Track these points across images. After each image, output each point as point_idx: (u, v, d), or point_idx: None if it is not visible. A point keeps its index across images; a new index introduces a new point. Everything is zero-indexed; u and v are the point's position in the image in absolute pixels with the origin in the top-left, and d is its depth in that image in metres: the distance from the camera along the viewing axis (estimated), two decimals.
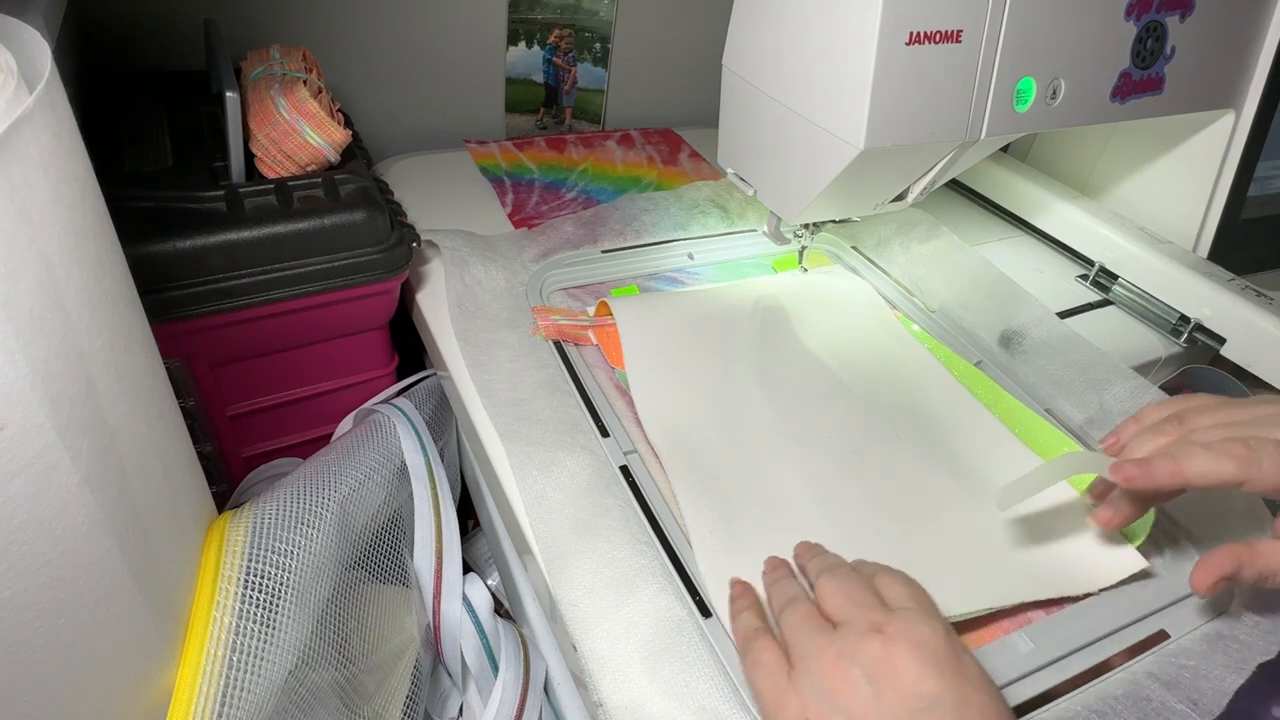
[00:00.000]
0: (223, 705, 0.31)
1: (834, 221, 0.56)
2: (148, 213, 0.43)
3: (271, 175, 0.48)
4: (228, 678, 0.31)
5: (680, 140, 0.80)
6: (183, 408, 0.36)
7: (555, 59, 0.79)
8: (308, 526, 0.38)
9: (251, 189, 0.46)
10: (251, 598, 0.34)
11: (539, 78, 0.80)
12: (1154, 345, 0.57)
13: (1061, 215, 0.65)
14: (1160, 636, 0.37)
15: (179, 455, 0.33)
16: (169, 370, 0.34)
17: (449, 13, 0.72)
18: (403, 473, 0.47)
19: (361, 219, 0.47)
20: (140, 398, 0.29)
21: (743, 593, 0.35)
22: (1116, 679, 0.35)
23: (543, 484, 0.40)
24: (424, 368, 0.56)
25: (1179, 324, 0.56)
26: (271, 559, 0.35)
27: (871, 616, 0.29)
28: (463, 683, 0.47)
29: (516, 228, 0.61)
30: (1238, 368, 0.54)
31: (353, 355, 0.54)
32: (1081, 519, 0.41)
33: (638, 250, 0.60)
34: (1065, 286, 0.62)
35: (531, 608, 0.48)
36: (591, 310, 0.53)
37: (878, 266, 0.62)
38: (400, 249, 0.50)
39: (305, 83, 0.50)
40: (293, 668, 0.34)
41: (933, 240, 0.61)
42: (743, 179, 0.53)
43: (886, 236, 0.63)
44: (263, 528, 0.37)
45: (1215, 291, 0.54)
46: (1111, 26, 0.48)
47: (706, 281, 0.59)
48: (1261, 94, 0.56)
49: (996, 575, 0.38)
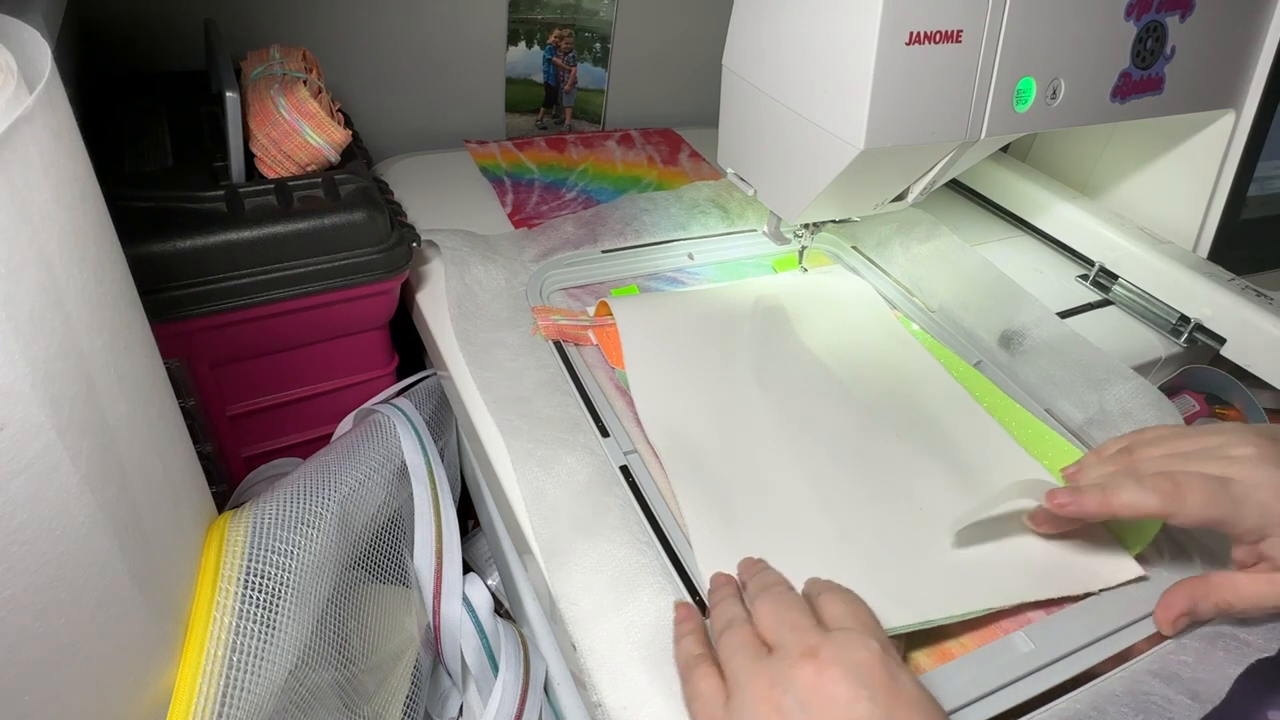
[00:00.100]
0: (223, 705, 0.31)
1: (834, 221, 0.56)
2: (148, 213, 0.43)
3: (271, 175, 0.48)
4: (228, 678, 0.31)
5: (680, 140, 0.80)
6: (183, 408, 0.36)
7: (555, 59, 0.79)
8: (308, 526, 0.38)
9: (251, 189, 0.46)
10: (251, 598, 0.34)
11: (539, 78, 0.80)
12: (1154, 345, 0.57)
13: (1061, 215, 0.65)
14: (1160, 637, 0.37)
15: (179, 455, 0.33)
16: (169, 370, 0.34)
17: (449, 13, 0.72)
18: (403, 473, 0.47)
19: (361, 219, 0.47)
20: (140, 398, 0.29)
21: (720, 584, 0.35)
22: (1116, 678, 0.35)
23: (543, 481, 0.40)
24: (424, 368, 0.56)
25: (1179, 324, 0.56)
26: (271, 559, 0.35)
27: (805, 640, 0.29)
28: (463, 683, 0.47)
29: (516, 228, 0.61)
30: (1238, 368, 0.54)
31: (353, 355, 0.54)
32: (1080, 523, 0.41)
33: (638, 250, 0.60)
34: (1065, 286, 0.62)
35: (531, 608, 0.48)
36: (591, 310, 0.53)
37: (878, 266, 0.62)
38: (400, 249, 0.50)
39: (305, 83, 0.50)
40: (293, 668, 0.34)
41: (933, 240, 0.61)
42: (743, 179, 0.53)
43: (886, 236, 0.63)
44: (263, 528, 0.37)
45: (1215, 291, 0.54)
46: (1111, 26, 0.48)
47: (706, 281, 0.59)
48: (1261, 94, 0.56)
49: (996, 576, 0.38)
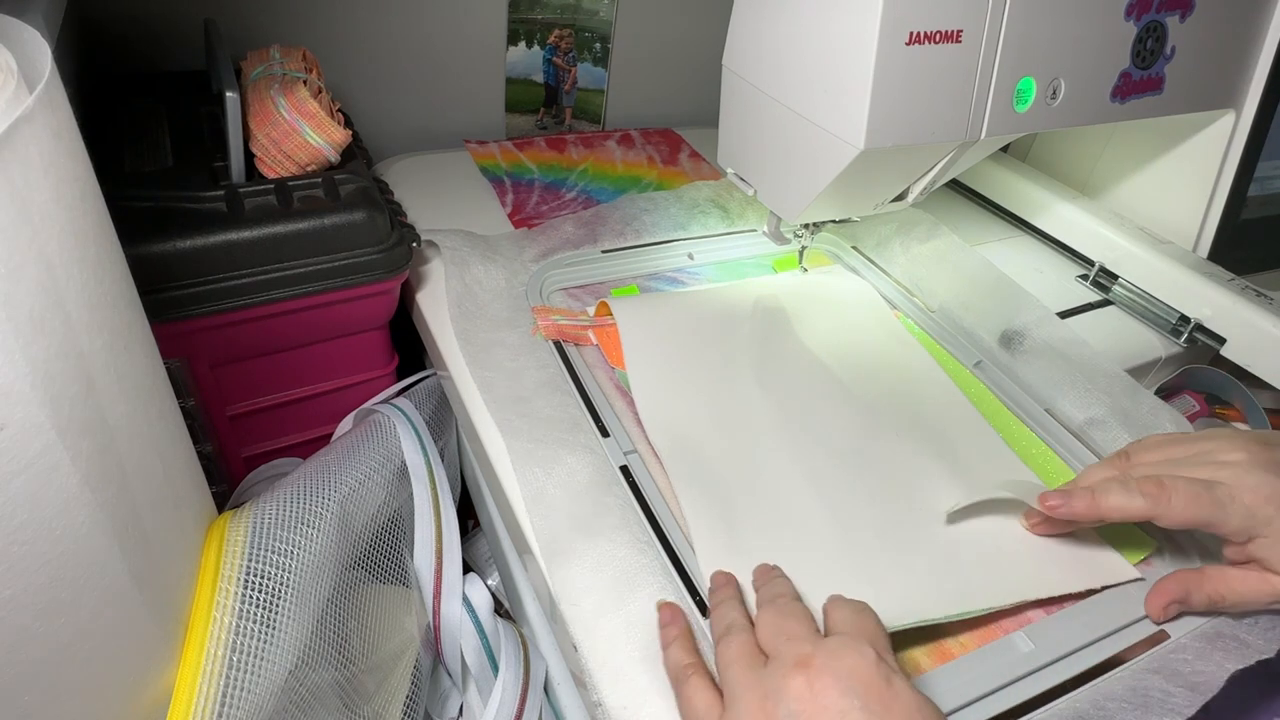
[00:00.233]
0: (223, 705, 0.31)
1: (834, 222, 0.56)
2: (148, 213, 0.43)
3: (271, 175, 0.48)
4: (228, 678, 0.31)
5: (680, 140, 0.80)
6: (183, 408, 0.36)
7: (555, 59, 0.79)
8: (308, 526, 0.38)
9: (251, 189, 0.46)
10: (251, 598, 0.34)
11: (539, 78, 0.80)
12: (1154, 345, 0.57)
13: (1061, 215, 0.65)
14: (1160, 636, 0.37)
15: (179, 455, 0.33)
16: (169, 370, 0.34)
17: (449, 13, 0.72)
18: (403, 473, 0.47)
19: (361, 219, 0.47)
20: (140, 398, 0.29)
21: (720, 585, 0.35)
22: (1116, 677, 0.35)
23: (543, 480, 0.40)
24: (424, 368, 0.56)
25: (1179, 324, 0.56)
26: (271, 559, 0.35)
27: (799, 649, 0.28)
28: (463, 683, 0.47)
29: (516, 228, 0.61)
30: (1238, 368, 0.54)
31: (353, 355, 0.54)
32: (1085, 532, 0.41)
33: (638, 250, 0.60)
34: (1065, 286, 0.62)
35: (531, 608, 0.48)
36: (591, 310, 0.53)
37: (878, 266, 0.62)
38: (400, 249, 0.50)
39: (305, 83, 0.50)
40: (293, 668, 0.34)
41: (933, 240, 0.61)
42: (743, 179, 0.53)
43: (886, 236, 0.63)
44: (263, 528, 0.37)
45: (1215, 291, 0.54)
46: (1111, 26, 0.48)
47: (707, 281, 0.59)
48: (1261, 94, 0.56)
49: (995, 576, 0.38)
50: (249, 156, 0.48)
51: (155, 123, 0.53)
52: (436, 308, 0.52)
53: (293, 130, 0.47)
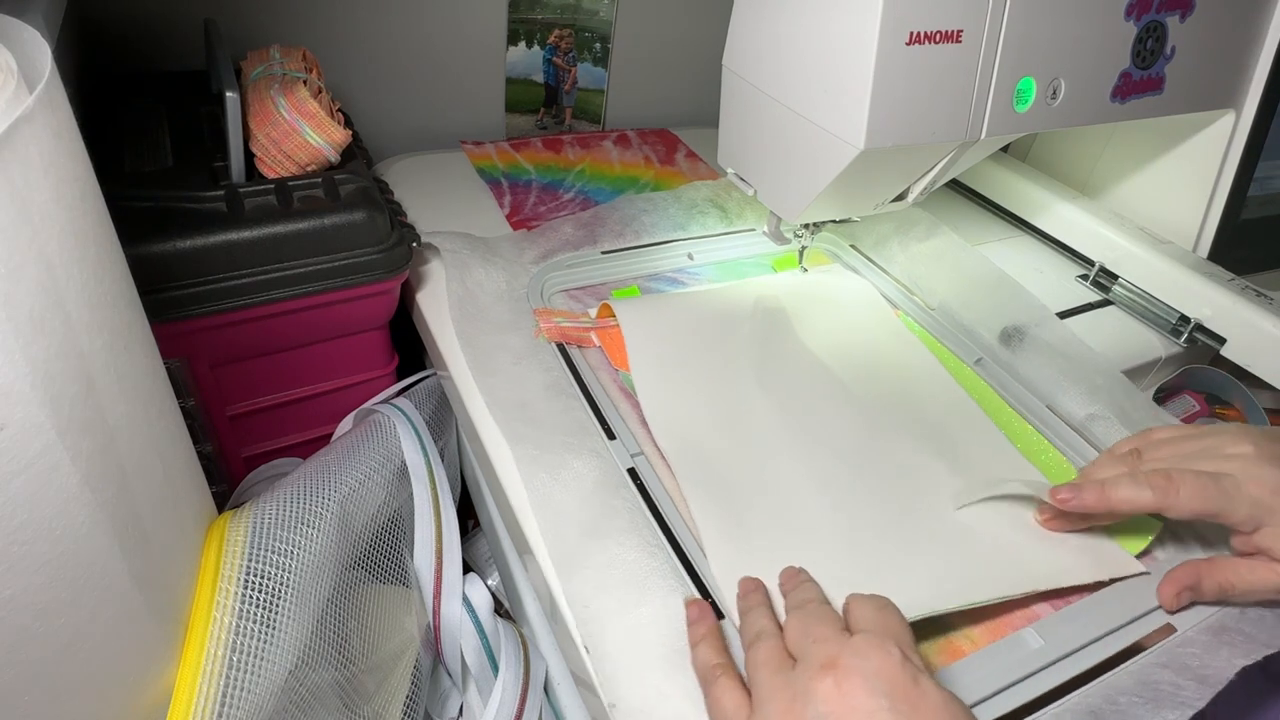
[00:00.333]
0: (223, 705, 0.31)
1: (834, 222, 0.56)
2: (148, 213, 0.43)
3: (271, 175, 0.48)
4: (228, 678, 0.31)
5: (677, 140, 0.80)
6: (183, 408, 0.36)
7: (555, 59, 0.79)
8: (308, 526, 0.38)
9: (251, 189, 0.46)
10: (251, 598, 0.34)
11: (539, 78, 0.80)
12: (1154, 345, 0.57)
13: (1061, 215, 0.65)
14: (1167, 630, 0.37)
15: (179, 455, 0.33)
16: (169, 370, 0.34)
17: (449, 13, 0.72)
18: (403, 473, 0.47)
19: (361, 219, 0.47)
20: (140, 398, 0.29)
21: (749, 590, 0.35)
22: (1125, 671, 0.35)
23: (550, 486, 0.40)
24: (424, 368, 0.56)
25: (1179, 324, 0.56)
26: (271, 559, 0.35)
27: (826, 651, 0.29)
28: (463, 683, 0.47)
29: (515, 229, 0.61)
30: (1238, 368, 0.54)
31: (353, 355, 0.54)
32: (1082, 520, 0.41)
33: (637, 251, 0.60)
34: (1065, 286, 0.62)
35: (531, 608, 0.48)
36: (593, 312, 0.53)
37: (877, 265, 0.62)
38: (400, 249, 0.50)
39: (305, 83, 0.50)
40: (293, 668, 0.34)
41: (932, 239, 0.61)
42: (743, 179, 0.53)
43: (885, 235, 0.63)
44: (263, 528, 0.37)
45: (1215, 291, 0.54)
46: (1111, 26, 0.48)
47: (707, 282, 0.59)
48: (1261, 94, 0.56)
49: (1003, 567, 0.38)
50: (249, 156, 0.48)
51: (155, 123, 0.53)
52: (436, 308, 0.52)
53: (293, 130, 0.47)
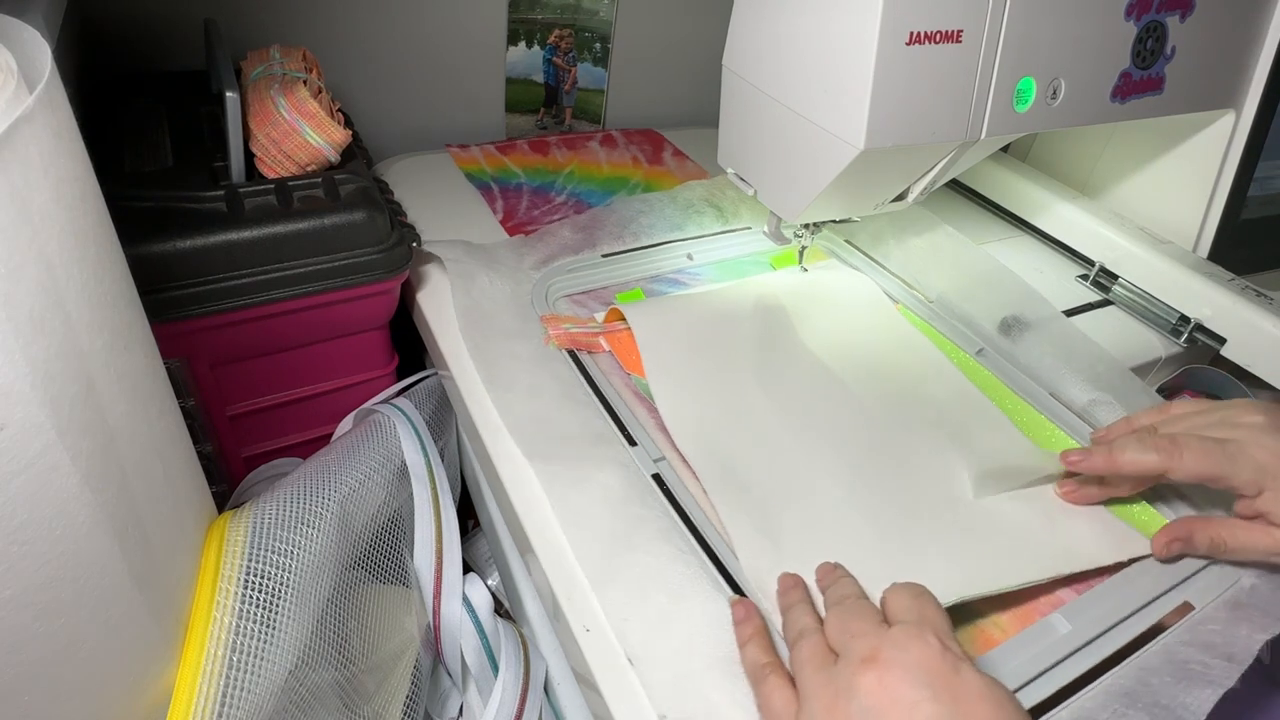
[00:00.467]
0: (223, 705, 0.31)
1: (834, 222, 0.56)
2: (148, 213, 0.43)
3: (271, 175, 0.48)
4: (228, 678, 0.31)
5: (663, 140, 0.80)
6: (183, 408, 0.36)
7: (555, 59, 0.79)
8: (308, 526, 0.38)
9: (251, 189, 0.46)
10: (251, 598, 0.34)
11: (539, 78, 0.80)
12: (1154, 345, 0.57)
13: (1061, 215, 0.65)
14: (1185, 608, 0.38)
15: (179, 455, 0.33)
16: (169, 370, 0.34)
17: (449, 13, 0.72)
18: (403, 473, 0.47)
19: (361, 219, 0.47)
20: (140, 398, 0.29)
21: (788, 588, 0.35)
22: (1152, 651, 0.36)
23: (577, 501, 0.39)
24: (424, 368, 0.56)
25: (1179, 324, 0.56)
26: (271, 559, 0.35)
27: (866, 645, 0.29)
28: (463, 683, 0.47)
29: (511, 234, 0.61)
30: (1238, 368, 0.54)
31: (353, 355, 0.54)
32: (1100, 512, 0.43)
33: (637, 253, 0.60)
34: (1065, 286, 0.62)
35: (532, 608, 0.48)
36: (600, 316, 0.53)
37: (874, 260, 0.63)
38: (400, 249, 0.50)
39: (305, 83, 0.50)
40: (293, 668, 0.34)
41: (927, 233, 0.62)
42: (742, 179, 0.53)
43: (881, 230, 0.63)
44: (263, 528, 0.37)
45: (1215, 291, 0.54)
46: (1111, 26, 0.48)
47: (708, 282, 0.59)
48: (1261, 94, 0.56)
49: (1027, 552, 0.39)
50: (249, 156, 0.48)
51: (155, 123, 0.53)
52: (437, 308, 0.52)
53: (293, 130, 0.47)
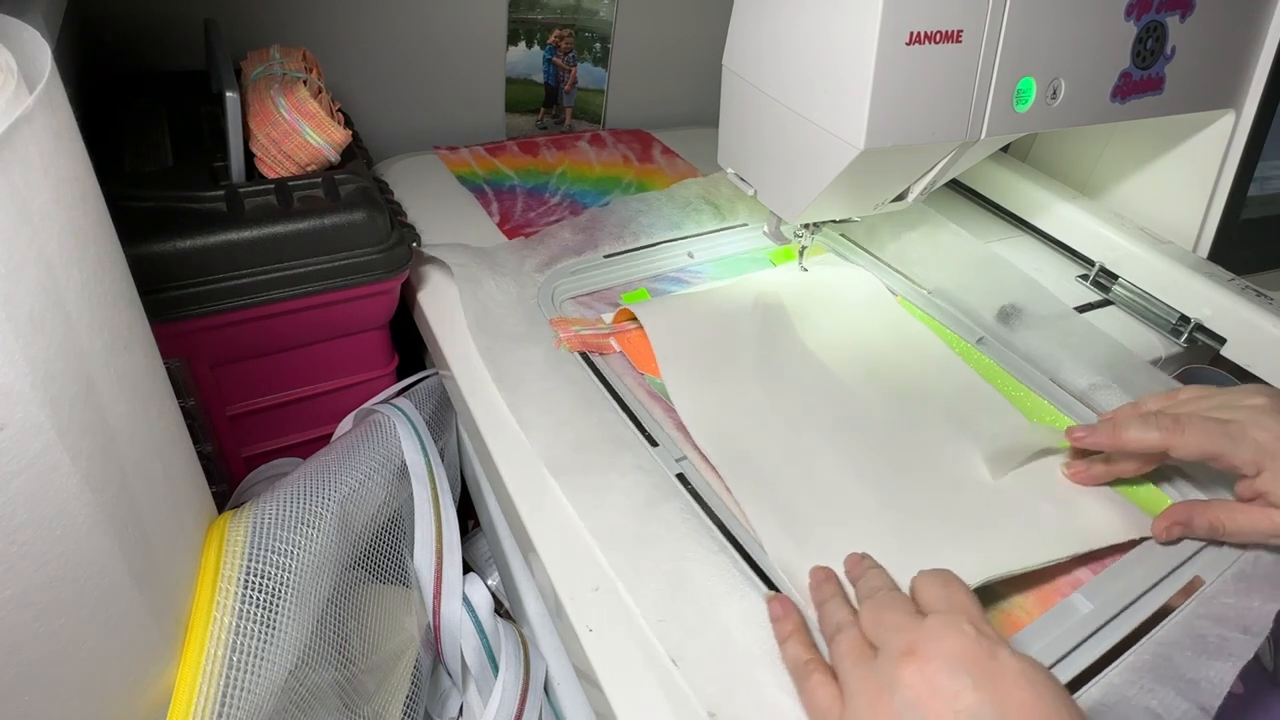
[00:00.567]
0: (223, 705, 0.31)
1: (834, 222, 0.56)
2: (148, 213, 0.43)
3: (271, 175, 0.48)
4: (228, 678, 0.31)
5: (651, 138, 0.80)
6: (183, 408, 0.36)
7: (555, 59, 0.79)
8: (308, 526, 0.38)
9: (251, 189, 0.46)
10: (251, 598, 0.34)
11: (539, 78, 0.80)
12: (1154, 345, 0.57)
13: (1061, 215, 0.65)
14: (1196, 583, 0.39)
15: (179, 455, 0.33)
16: (169, 370, 0.34)
17: (449, 13, 0.72)
18: (403, 473, 0.47)
19: (361, 219, 0.47)
20: (140, 398, 0.29)
21: (820, 582, 0.35)
22: (1170, 626, 0.36)
23: (604, 505, 0.39)
24: (424, 367, 0.56)
25: (1179, 324, 0.56)
26: (271, 559, 0.35)
27: (904, 638, 0.29)
28: (463, 683, 0.47)
29: (509, 237, 0.60)
30: (1238, 368, 0.54)
31: (353, 355, 0.54)
32: (1108, 493, 0.44)
33: (638, 253, 0.60)
34: (1065, 286, 0.62)
35: (532, 608, 0.48)
36: (608, 318, 0.53)
37: (871, 254, 0.63)
38: (400, 249, 0.50)
39: (305, 83, 0.50)
40: (293, 668, 0.34)
41: (922, 225, 0.62)
42: (743, 179, 0.53)
43: (875, 223, 0.63)
44: (263, 528, 0.37)
45: (1215, 291, 0.54)
46: (1111, 26, 0.48)
47: (710, 279, 0.59)
48: (1261, 94, 0.56)
49: (1046, 533, 0.40)
50: (249, 156, 0.48)
51: (155, 123, 0.53)
52: (438, 307, 0.52)
53: (293, 130, 0.47)
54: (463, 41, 0.74)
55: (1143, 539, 0.41)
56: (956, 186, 0.75)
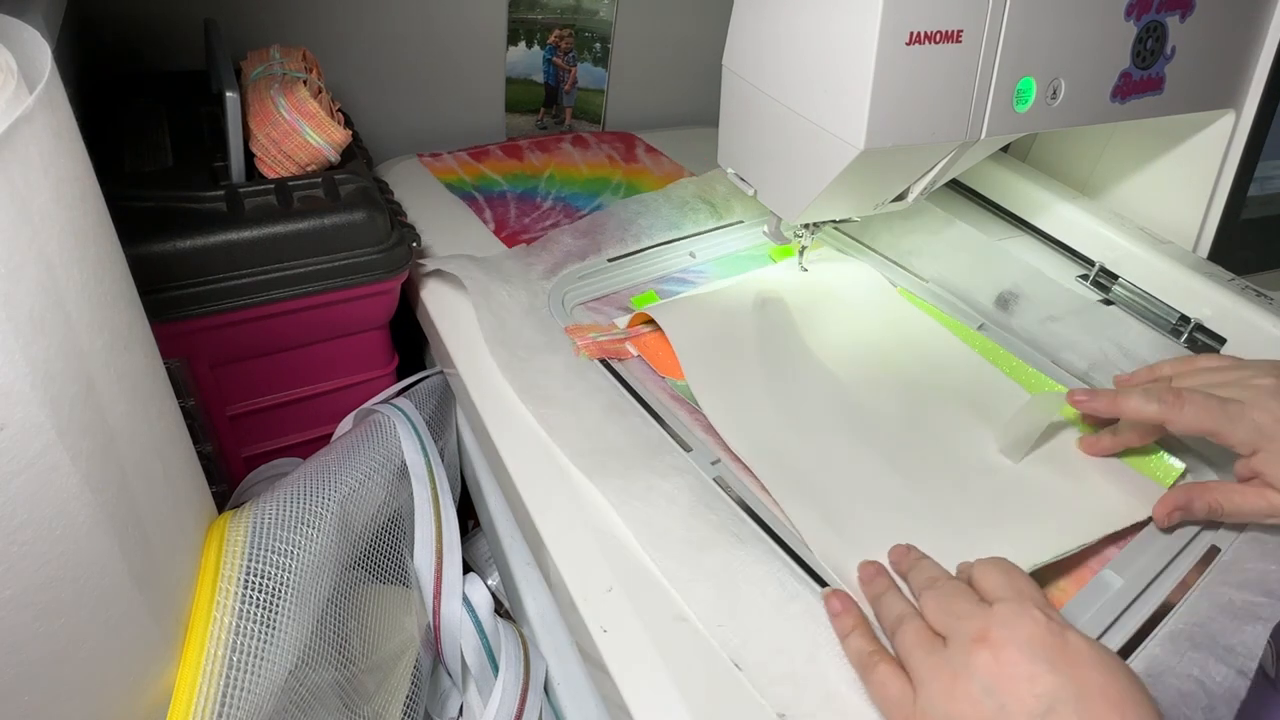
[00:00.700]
0: (223, 705, 0.31)
1: (834, 221, 0.56)
2: (148, 213, 0.43)
3: (271, 175, 0.48)
4: (228, 678, 0.31)
5: (634, 138, 0.80)
6: (183, 408, 0.36)
7: (555, 59, 0.79)
8: (308, 526, 0.38)
9: (251, 189, 0.46)
10: (251, 598, 0.34)
11: (539, 78, 0.80)
12: (1154, 345, 0.57)
13: (1061, 215, 0.65)
14: (1213, 552, 0.40)
15: (179, 455, 0.33)
16: (169, 370, 0.34)
17: (449, 13, 0.72)
18: (403, 473, 0.47)
19: (361, 219, 0.47)
20: (140, 398, 0.29)
21: (872, 576, 0.36)
22: (1196, 595, 0.38)
23: (648, 513, 0.39)
24: (424, 368, 0.56)
25: (1179, 324, 0.56)
26: (271, 559, 0.35)
27: (974, 626, 0.30)
28: (463, 683, 0.47)
29: (508, 244, 0.60)
30: None
31: (353, 355, 0.54)
32: (1120, 467, 0.45)
33: (641, 255, 0.60)
34: (1065, 286, 0.62)
35: (532, 608, 0.48)
36: (621, 323, 0.53)
37: (869, 248, 0.63)
38: (400, 249, 0.50)
39: (305, 83, 0.50)
40: (293, 668, 0.34)
41: (916, 216, 0.62)
42: (743, 179, 0.53)
43: (873, 219, 0.63)
44: (263, 528, 0.37)
45: (1215, 291, 0.54)
46: (1111, 26, 0.48)
47: (715, 278, 0.59)
48: (1261, 94, 0.56)
49: (1077, 516, 0.41)
50: (249, 156, 0.48)
51: (155, 123, 0.53)
52: (440, 303, 0.52)
53: (293, 130, 0.47)
54: (463, 41, 0.74)
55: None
56: (956, 186, 0.75)
